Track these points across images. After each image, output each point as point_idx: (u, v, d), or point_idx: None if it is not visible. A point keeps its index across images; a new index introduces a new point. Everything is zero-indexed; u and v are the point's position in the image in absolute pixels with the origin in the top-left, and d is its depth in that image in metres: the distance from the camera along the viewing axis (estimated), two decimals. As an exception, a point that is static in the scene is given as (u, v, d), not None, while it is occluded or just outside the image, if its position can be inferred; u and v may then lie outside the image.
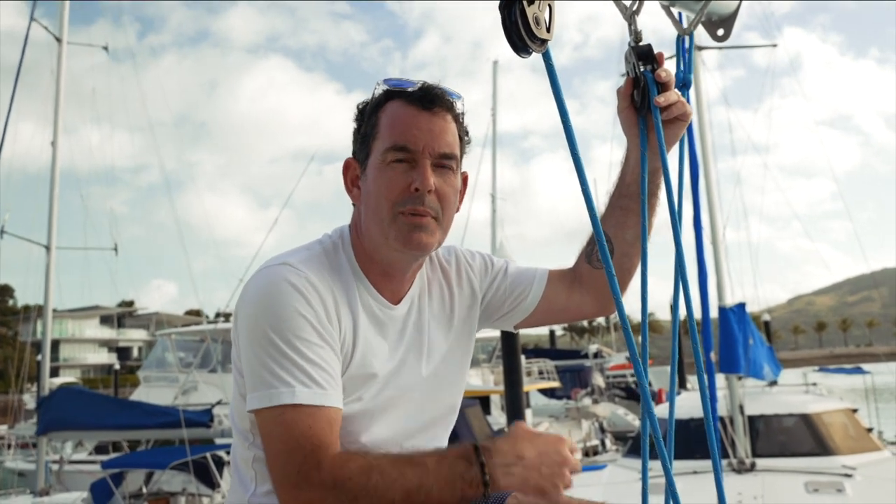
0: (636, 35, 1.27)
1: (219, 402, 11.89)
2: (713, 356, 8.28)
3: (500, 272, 1.62)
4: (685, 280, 1.28)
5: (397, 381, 1.43)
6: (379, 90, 1.43)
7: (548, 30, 1.03)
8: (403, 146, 1.37)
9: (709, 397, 1.25)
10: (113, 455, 13.17)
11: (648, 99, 1.32)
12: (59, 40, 12.29)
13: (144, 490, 10.64)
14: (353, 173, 1.48)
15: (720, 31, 1.34)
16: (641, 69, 1.32)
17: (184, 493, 10.39)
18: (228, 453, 10.27)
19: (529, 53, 1.05)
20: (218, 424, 10.85)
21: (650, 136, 1.39)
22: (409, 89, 1.40)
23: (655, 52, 1.32)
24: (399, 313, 1.46)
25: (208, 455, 9.79)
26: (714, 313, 8.57)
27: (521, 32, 1.01)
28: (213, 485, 10.14)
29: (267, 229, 12.57)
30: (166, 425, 10.26)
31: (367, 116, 1.43)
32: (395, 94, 1.41)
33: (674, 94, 1.35)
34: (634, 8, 1.21)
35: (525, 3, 1.01)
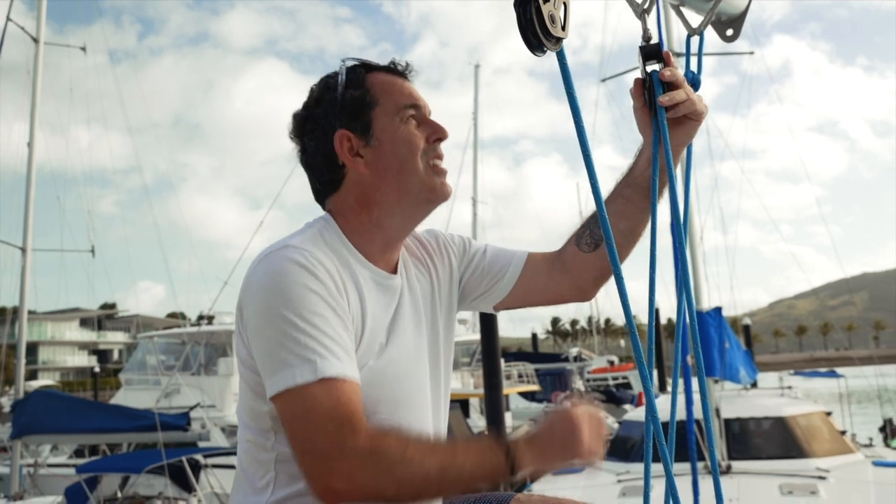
0: (645, 33, 1.26)
1: (197, 405, 11.76)
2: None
3: (478, 252, 1.65)
4: (688, 282, 1.28)
5: (402, 350, 1.42)
6: (348, 65, 1.48)
7: (563, 28, 1.03)
8: (414, 104, 1.46)
9: (708, 400, 1.26)
10: (90, 459, 12.99)
11: (655, 98, 1.32)
12: (35, 40, 12.14)
13: (120, 494, 10.50)
14: (351, 143, 1.44)
15: (729, 32, 1.34)
16: (648, 69, 1.31)
17: (160, 496, 10.25)
18: (206, 457, 10.16)
19: (544, 52, 1.04)
20: (200, 427, 10.70)
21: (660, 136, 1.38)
22: (383, 65, 1.50)
23: (663, 51, 1.31)
24: (397, 283, 1.47)
25: (184, 459, 9.67)
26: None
27: (537, 30, 1.01)
28: (189, 488, 10.02)
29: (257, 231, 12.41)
30: (142, 429, 10.11)
31: (353, 89, 1.45)
32: (373, 67, 1.49)
33: (680, 94, 1.34)
34: (646, 6, 1.20)
35: (541, 0, 1.00)
